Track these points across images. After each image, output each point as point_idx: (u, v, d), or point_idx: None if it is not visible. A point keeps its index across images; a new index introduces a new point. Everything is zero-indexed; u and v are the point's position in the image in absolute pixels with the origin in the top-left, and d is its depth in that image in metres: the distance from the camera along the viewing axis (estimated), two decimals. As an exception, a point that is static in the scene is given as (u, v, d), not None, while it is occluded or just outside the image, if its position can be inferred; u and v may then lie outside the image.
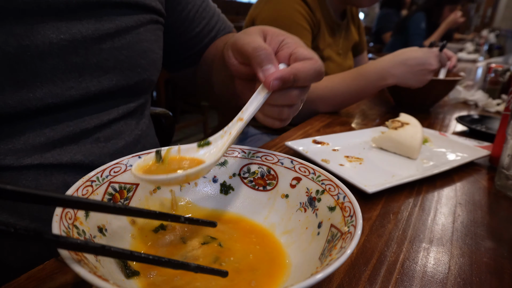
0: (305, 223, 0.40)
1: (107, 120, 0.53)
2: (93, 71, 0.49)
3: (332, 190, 0.40)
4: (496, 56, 3.31)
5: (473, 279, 0.41)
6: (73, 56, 0.46)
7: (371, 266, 0.42)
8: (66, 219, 0.31)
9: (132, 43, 0.53)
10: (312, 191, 0.42)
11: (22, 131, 0.45)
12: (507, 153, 0.62)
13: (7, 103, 0.42)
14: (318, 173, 0.42)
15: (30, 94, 0.44)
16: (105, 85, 0.51)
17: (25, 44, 0.42)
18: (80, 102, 0.49)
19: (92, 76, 0.49)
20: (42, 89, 0.44)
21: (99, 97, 0.51)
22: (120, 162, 0.41)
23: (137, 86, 0.56)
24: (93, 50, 0.48)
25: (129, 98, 0.57)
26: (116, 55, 0.51)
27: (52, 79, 0.45)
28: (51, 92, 0.45)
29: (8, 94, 0.42)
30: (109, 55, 0.50)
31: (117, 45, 0.51)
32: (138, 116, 0.61)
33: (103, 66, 0.50)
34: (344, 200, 0.37)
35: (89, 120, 0.51)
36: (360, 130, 0.86)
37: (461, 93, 1.38)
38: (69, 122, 0.49)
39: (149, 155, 0.39)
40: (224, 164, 0.47)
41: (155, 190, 0.43)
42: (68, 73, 0.46)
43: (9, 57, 0.41)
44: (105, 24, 0.49)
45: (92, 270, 0.26)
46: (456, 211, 0.56)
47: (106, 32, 0.49)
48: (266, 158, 0.46)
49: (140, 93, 0.59)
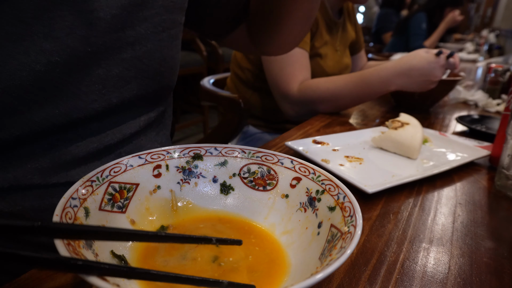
0: (305, 223, 0.40)
1: (129, 134, 0.53)
2: (115, 82, 0.48)
3: (332, 190, 0.40)
4: (496, 56, 3.31)
5: (473, 279, 0.41)
6: (95, 68, 0.46)
7: (371, 266, 0.42)
8: (66, 219, 0.31)
9: (153, 51, 0.52)
10: (312, 191, 0.42)
11: (48, 149, 0.45)
12: (507, 153, 0.62)
13: (34, 120, 0.42)
14: (318, 173, 0.42)
15: (56, 110, 0.43)
16: (126, 96, 0.50)
17: (54, 60, 0.41)
18: (102, 115, 0.48)
19: (114, 87, 0.48)
20: (67, 104, 0.44)
21: (120, 108, 0.50)
22: (120, 162, 0.41)
23: (156, 94, 0.56)
24: (115, 60, 0.47)
25: (148, 107, 0.56)
26: (137, 64, 0.50)
27: (77, 93, 0.45)
28: (75, 107, 0.45)
29: (34, 112, 0.42)
30: (131, 64, 0.49)
31: (138, 54, 0.50)
32: (158, 126, 0.60)
33: (125, 76, 0.49)
34: (344, 200, 0.37)
35: (111, 135, 0.51)
36: (360, 130, 0.86)
37: (461, 93, 1.38)
38: (92, 137, 0.49)
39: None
40: (224, 164, 0.47)
41: (155, 190, 0.43)
42: (92, 85, 0.46)
43: (39, 76, 0.40)
44: (127, 32, 0.48)
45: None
46: (456, 211, 0.56)
47: (126, 41, 0.48)
48: (266, 158, 0.46)
49: (159, 101, 0.58)
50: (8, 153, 0.43)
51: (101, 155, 0.50)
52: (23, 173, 0.44)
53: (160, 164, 0.44)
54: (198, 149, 0.47)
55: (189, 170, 0.46)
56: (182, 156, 0.46)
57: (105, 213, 0.37)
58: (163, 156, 0.45)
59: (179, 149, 0.46)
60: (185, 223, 0.43)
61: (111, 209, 0.38)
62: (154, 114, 0.57)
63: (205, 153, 0.47)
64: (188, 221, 0.44)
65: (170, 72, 0.57)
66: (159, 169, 0.44)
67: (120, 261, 0.34)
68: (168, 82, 0.57)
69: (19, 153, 0.44)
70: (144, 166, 0.43)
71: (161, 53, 0.53)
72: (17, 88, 0.40)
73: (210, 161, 0.47)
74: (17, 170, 0.44)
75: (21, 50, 0.39)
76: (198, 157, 0.46)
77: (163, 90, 0.57)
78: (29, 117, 0.42)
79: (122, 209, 0.39)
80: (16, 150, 0.43)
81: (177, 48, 0.58)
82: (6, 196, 0.44)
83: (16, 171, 0.44)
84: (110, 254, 0.34)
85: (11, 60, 0.39)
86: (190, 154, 0.46)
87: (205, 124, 2.97)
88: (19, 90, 0.40)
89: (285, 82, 1.08)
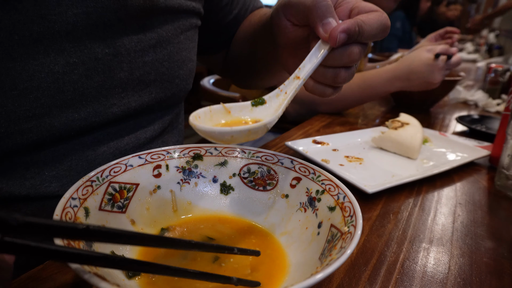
0: (305, 223, 0.40)
1: (144, 139, 0.53)
2: (135, 85, 0.48)
3: (332, 190, 0.40)
4: (496, 56, 3.30)
5: (473, 279, 0.41)
6: (117, 71, 0.45)
7: (371, 266, 0.42)
8: (66, 219, 0.31)
9: (173, 54, 0.52)
10: (312, 191, 0.42)
11: (65, 155, 0.45)
12: (507, 153, 0.62)
13: (54, 125, 0.41)
14: (318, 173, 0.42)
15: (76, 115, 0.43)
16: (145, 100, 0.50)
17: (73, 61, 0.41)
18: (120, 119, 0.48)
19: (134, 91, 0.48)
20: (86, 108, 0.43)
21: (138, 113, 0.50)
22: (120, 162, 0.41)
23: (173, 97, 0.55)
24: (137, 63, 0.47)
25: (165, 110, 0.56)
26: (158, 67, 0.50)
27: (97, 97, 0.44)
28: (94, 111, 0.44)
29: (54, 116, 0.41)
30: (152, 67, 0.49)
31: (159, 57, 0.50)
32: (172, 131, 0.60)
33: (145, 79, 0.49)
34: (344, 200, 0.37)
35: (127, 140, 0.50)
36: (360, 130, 0.86)
37: (461, 93, 1.38)
38: (109, 142, 0.48)
39: (202, 109, 0.37)
40: (224, 164, 0.47)
41: (155, 190, 0.43)
42: (112, 89, 0.45)
43: (57, 77, 0.40)
44: (148, 34, 0.47)
45: (92, 270, 0.26)
46: (456, 211, 0.56)
47: (148, 43, 0.48)
48: (266, 158, 0.46)
49: (175, 104, 0.58)
50: (26, 159, 0.42)
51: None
52: (40, 180, 0.43)
53: (160, 164, 0.44)
54: (198, 149, 0.47)
55: (189, 170, 0.46)
56: (182, 156, 0.46)
57: (105, 213, 0.37)
58: (163, 156, 0.45)
59: (179, 149, 0.46)
60: (185, 223, 0.43)
61: (111, 209, 0.38)
62: (169, 117, 0.57)
63: (205, 153, 0.47)
64: (188, 221, 0.44)
65: (188, 75, 0.56)
66: (159, 169, 0.44)
67: None
68: (185, 85, 0.57)
69: (37, 159, 0.43)
70: (144, 166, 0.43)
71: (180, 55, 0.53)
72: (35, 90, 0.39)
73: (210, 161, 0.47)
74: (35, 178, 0.43)
75: (41, 49, 0.38)
76: (198, 157, 0.46)
77: (180, 92, 0.56)
78: (48, 121, 0.41)
79: (122, 209, 0.39)
80: (34, 156, 0.43)
81: (194, 50, 0.58)
82: (23, 206, 0.44)
83: (34, 179, 0.43)
84: (110, 254, 0.34)
85: (31, 60, 0.38)
86: (190, 154, 0.46)
87: (205, 124, 2.96)
88: (37, 92, 0.39)
89: None
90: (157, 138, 0.56)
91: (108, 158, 0.48)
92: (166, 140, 0.58)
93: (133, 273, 0.33)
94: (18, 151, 0.41)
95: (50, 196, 0.44)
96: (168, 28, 0.50)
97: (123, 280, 0.32)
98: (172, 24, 0.51)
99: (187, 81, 0.57)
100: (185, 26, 0.54)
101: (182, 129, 0.65)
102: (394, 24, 3.32)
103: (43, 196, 0.44)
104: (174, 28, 0.51)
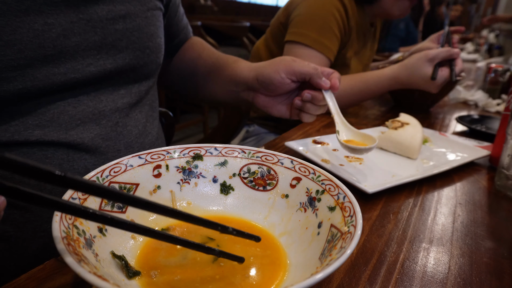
0: (305, 223, 0.40)
1: (121, 104, 0.57)
2: (108, 49, 0.53)
3: (332, 190, 0.40)
4: (496, 56, 3.30)
5: (473, 279, 0.41)
6: (91, 35, 0.51)
7: (371, 266, 0.42)
8: (66, 219, 0.31)
9: (142, 26, 0.58)
10: (312, 191, 0.42)
11: (47, 107, 0.49)
12: (507, 153, 0.62)
13: (36, 76, 0.46)
14: (318, 173, 0.42)
15: (55, 69, 0.48)
16: (119, 63, 0.55)
17: (50, 22, 0.46)
18: (97, 79, 0.53)
19: (108, 55, 0.53)
20: (65, 64, 0.48)
21: (114, 75, 0.55)
22: (120, 162, 0.41)
23: (146, 67, 0.61)
24: (109, 30, 0.53)
25: (139, 80, 0.61)
26: (129, 36, 0.56)
27: (74, 56, 0.49)
28: (73, 68, 0.49)
29: (36, 68, 0.46)
30: (123, 35, 0.55)
31: (129, 27, 0.55)
32: (151, 109, 0.66)
33: (117, 45, 0.54)
34: (344, 200, 0.37)
35: (105, 102, 0.55)
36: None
37: (461, 93, 1.38)
38: (88, 102, 0.53)
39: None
40: (224, 164, 0.47)
41: (155, 190, 0.43)
42: (88, 50, 0.51)
43: (37, 34, 0.45)
44: (117, 6, 0.53)
45: (92, 270, 0.26)
46: (456, 211, 0.56)
47: (118, 13, 0.53)
48: (266, 158, 0.46)
49: (148, 75, 0.64)
50: (12, 108, 0.47)
51: (97, 120, 0.54)
52: (24, 127, 0.48)
53: (160, 164, 0.44)
54: (198, 149, 0.47)
55: (189, 170, 0.46)
56: (182, 156, 0.46)
57: (105, 213, 0.37)
58: (163, 156, 0.45)
59: (179, 149, 0.46)
60: (185, 223, 0.43)
61: (111, 209, 0.38)
62: (144, 88, 0.63)
63: (205, 153, 0.47)
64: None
65: (157, 48, 0.62)
66: (159, 169, 0.44)
67: (120, 261, 0.34)
68: (155, 58, 0.63)
69: (21, 108, 0.47)
70: (144, 166, 0.43)
71: (148, 29, 0.59)
72: (18, 43, 0.44)
73: (210, 161, 0.47)
74: (19, 125, 0.47)
75: (22, 8, 0.44)
76: (198, 157, 0.46)
77: (152, 63, 0.62)
78: (31, 72, 0.46)
79: (122, 209, 0.39)
80: (18, 105, 0.47)
81: (161, 29, 0.65)
82: (6, 150, 0.47)
83: (18, 126, 0.47)
84: (110, 254, 0.34)
85: (13, 17, 0.43)
86: (190, 154, 0.46)
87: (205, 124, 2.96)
88: (20, 44, 0.44)
89: None
90: (135, 107, 0.61)
91: (88, 115, 0.53)
92: (146, 110, 0.63)
93: (133, 273, 0.33)
94: (5, 98, 0.45)
95: (32, 143, 0.48)
96: (135, 4, 0.57)
97: (123, 280, 0.32)
98: (138, 1, 0.57)
99: (157, 55, 0.63)
100: (151, 5, 0.60)
101: (156, 107, 0.70)
102: (397, 25, 3.32)
103: (26, 142, 0.48)
104: (141, 5, 0.58)
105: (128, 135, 0.58)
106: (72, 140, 0.51)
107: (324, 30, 1.06)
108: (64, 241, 0.28)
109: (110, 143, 0.55)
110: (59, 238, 0.28)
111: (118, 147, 0.56)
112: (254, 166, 0.46)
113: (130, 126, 0.59)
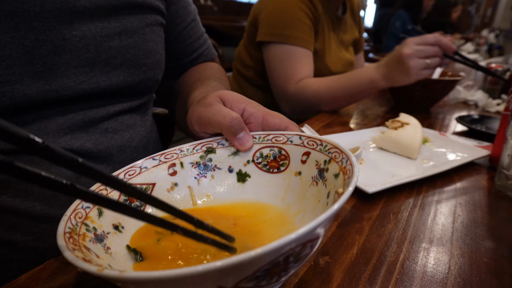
0: (317, 196, 0.40)
1: (113, 112, 0.56)
2: (102, 67, 0.52)
3: (337, 157, 0.39)
4: (496, 56, 3.30)
5: (473, 279, 0.41)
6: (84, 52, 0.49)
7: (371, 266, 0.42)
8: (76, 218, 0.31)
9: (139, 43, 0.56)
10: (320, 162, 0.41)
11: (36, 119, 0.48)
12: (507, 153, 0.62)
13: (26, 93, 0.45)
14: (325, 143, 0.42)
15: (47, 86, 0.47)
16: (113, 81, 0.54)
17: (41, 38, 0.45)
18: (90, 96, 0.52)
19: (102, 72, 0.52)
20: (57, 81, 0.47)
21: (107, 92, 0.54)
22: (134, 166, 0.41)
23: (142, 84, 0.59)
24: (103, 47, 0.51)
25: (134, 95, 0.60)
26: (124, 53, 0.54)
27: (66, 73, 0.48)
28: (65, 85, 0.48)
29: (26, 85, 0.45)
30: (117, 52, 0.53)
31: (125, 44, 0.53)
32: (143, 113, 0.64)
33: (112, 63, 0.53)
34: (346, 163, 0.37)
35: (96, 111, 0.54)
36: (360, 130, 0.86)
37: (461, 93, 1.38)
38: (79, 111, 0.52)
39: None
40: (237, 153, 0.47)
41: (173, 187, 0.44)
42: (80, 67, 0.49)
43: (27, 50, 0.44)
44: (112, 23, 0.52)
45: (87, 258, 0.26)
46: (456, 211, 0.56)
47: (113, 31, 0.52)
48: (276, 139, 0.46)
49: (144, 92, 0.62)
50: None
51: (87, 127, 0.53)
52: None
53: (175, 163, 0.45)
54: (210, 143, 0.47)
55: (204, 164, 0.46)
56: (195, 152, 0.46)
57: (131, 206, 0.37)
58: (176, 155, 0.45)
59: (191, 145, 0.46)
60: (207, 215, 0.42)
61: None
62: (138, 102, 0.61)
63: (217, 146, 0.47)
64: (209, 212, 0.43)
65: (155, 65, 0.60)
66: (174, 167, 0.44)
67: (135, 255, 0.34)
68: (153, 74, 0.60)
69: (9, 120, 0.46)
70: (159, 166, 0.43)
71: (146, 45, 0.57)
72: (7, 58, 0.43)
73: (223, 152, 0.47)
74: None
75: (12, 24, 0.43)
76: (211, 151, 0.47)
77: (148, 80, 0.60)
78: (21, 89, 0.45)
79: (140, 208, 0.39)
80: (5, 117, 0.45)
81: (161, 45, 0.62)
82: None
83: None
84: (126, 248, 0.34)
85: (3, 32, 0.43)
86: (202, 149, 0.47)
87: (205, 124, 2.96)
88: (9, 60, 0.43)
89: (283, 80, 1.09)
90: (127, 114, 0.59)
91: (77, 123, 0.52)
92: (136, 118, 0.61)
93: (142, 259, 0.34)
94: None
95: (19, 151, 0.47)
96: (132, 20, 0.55)
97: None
98: (136, 17, 0.55)
99: (155, 71, 0.61)
100: (150, 21, 0.58)
101: (150, 108, 0.68)
102: (393, 23, 3.31)
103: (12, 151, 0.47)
104: (139, 21, 0.56)
105: (120, 139, 0.57)
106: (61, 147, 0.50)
107: (294, 24, 1.07)
108: (66, 236, 0.28)
109: (102, 148, 0.54)
110: (62, 233, 0.28)
111: (110, 151, 0.55)
112: (266, 150, 0.46)
113: (121, 130, 0.58)
